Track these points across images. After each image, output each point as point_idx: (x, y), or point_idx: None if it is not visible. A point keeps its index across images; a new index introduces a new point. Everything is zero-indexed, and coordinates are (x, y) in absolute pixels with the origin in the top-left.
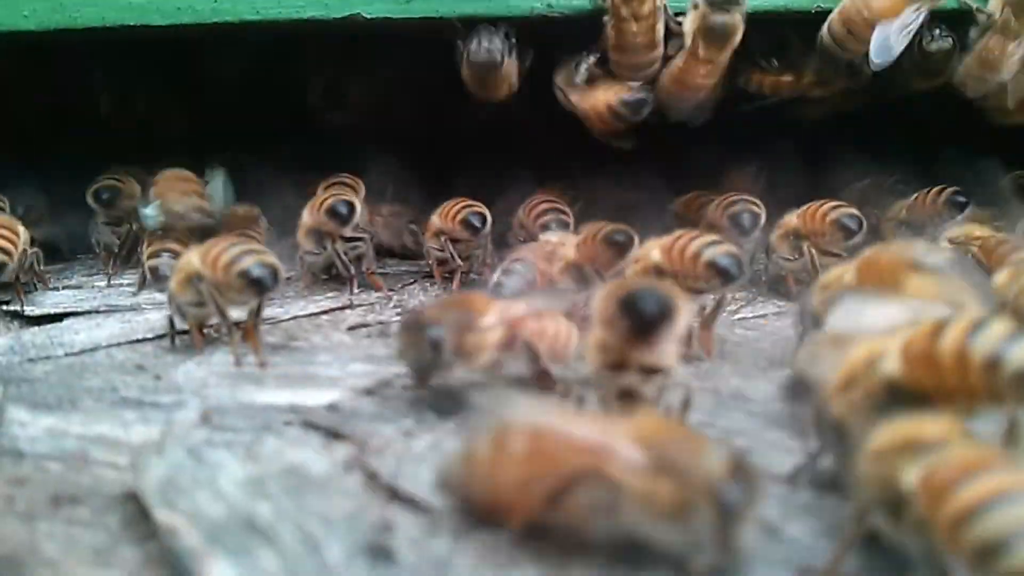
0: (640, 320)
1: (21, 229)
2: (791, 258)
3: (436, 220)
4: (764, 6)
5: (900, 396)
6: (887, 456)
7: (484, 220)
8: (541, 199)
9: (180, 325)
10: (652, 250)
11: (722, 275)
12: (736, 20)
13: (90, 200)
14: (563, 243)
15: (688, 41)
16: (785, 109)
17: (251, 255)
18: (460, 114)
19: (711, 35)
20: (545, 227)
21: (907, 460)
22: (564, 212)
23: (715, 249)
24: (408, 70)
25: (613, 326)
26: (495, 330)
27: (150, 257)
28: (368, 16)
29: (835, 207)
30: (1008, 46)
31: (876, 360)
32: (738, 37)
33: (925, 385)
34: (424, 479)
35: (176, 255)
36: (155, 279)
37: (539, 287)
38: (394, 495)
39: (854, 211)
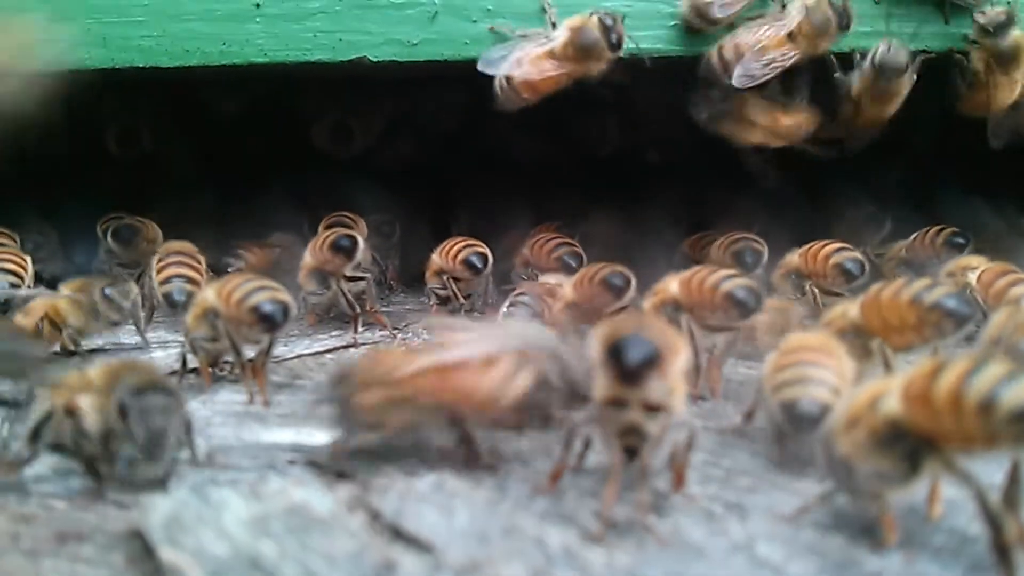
0: (625, 366)
1: (29, 261)
2: (793, 297)
3: (437, 259)
4: None
5: (903, 436)
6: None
7: (485, 260)
8: (549, 236)
9: (191, 363)
10: (671, 283)
11: (739, 307)
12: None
13: (108, 239)
14: (560, 284)
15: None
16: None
17: (264, 291)
18: (462, 153)
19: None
20: (560, 260)
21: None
22: (576, 246)
23: (733, 281)
24: (411, 109)
25: (605, 368)
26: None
27: (162, 283)
28: (374, 60)
29: (837, 249)
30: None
31: (879, 399)
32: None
33: (923, 426)
34: (427, 519)
35: (188, 280)
36: (168, 305)
37: (544, 321)
38: (397, 535)
39: (856, 255)
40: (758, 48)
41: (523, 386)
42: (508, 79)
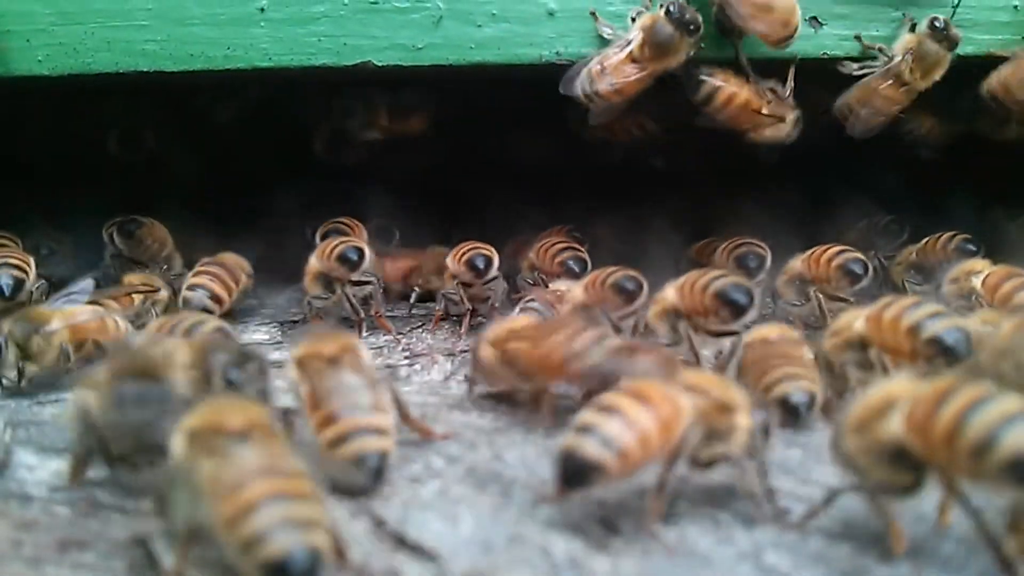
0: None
1: (32, 261)
2: (798, 303)
3: (450, 262)
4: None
5: (905, 454)
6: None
7: (488, 262)
8: (555, 240)
9: None
10: (668, 291)
11: (731, 307)
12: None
13: (115, 235)
14: (571, 290)
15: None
16: (787, 152)
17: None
18: (468, 157)
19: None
20: (563, 265)
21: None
22: (581, 251)
23: (723, 281)
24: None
25: None
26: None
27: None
28: (379, 64)
29: (840, 252)
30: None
31: (889, 410)
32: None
33: (923, 454)
34: (432, 527)
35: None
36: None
37: None
38: (401, 542)
39: (859, 255)
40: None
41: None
42: (596, 93)
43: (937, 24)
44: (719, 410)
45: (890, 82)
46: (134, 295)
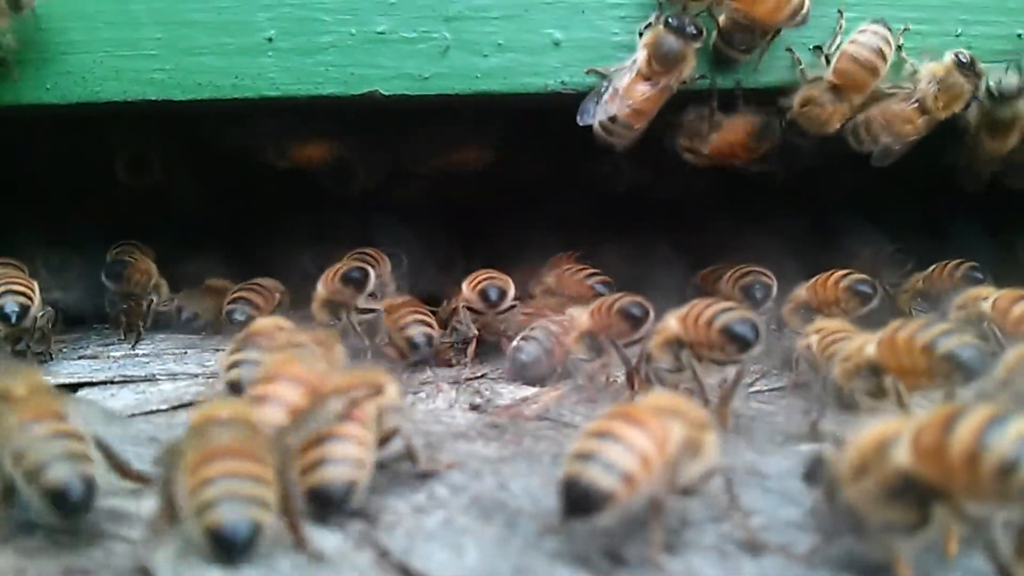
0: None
1: (37, 287)
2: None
3: (465, 289)
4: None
5: (913, 487)
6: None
7: (502, 294)
8: (576, 265)
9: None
10: (670, 321)
11: (737, 342)
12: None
13: (103, 278)
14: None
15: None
16: (795, 182)
17: None
18: (473, 186)
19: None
20: (591, 289)
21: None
22: (604, 274)
23: (729, 315)
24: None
25: None
26: None
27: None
28: (386, 94)
29: (846, 274)
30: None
31: (886, 446)
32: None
33: (936, 481)
34: (436, 557)
35: (252, 304)
36: (229, 322)
37: (557, 356)
38: (405, 573)
39: (865, 277)
40: None
41: None
42: (612, 119)
43: (963, 59)
44: (696, 427)
45: (913, 107)
46: None
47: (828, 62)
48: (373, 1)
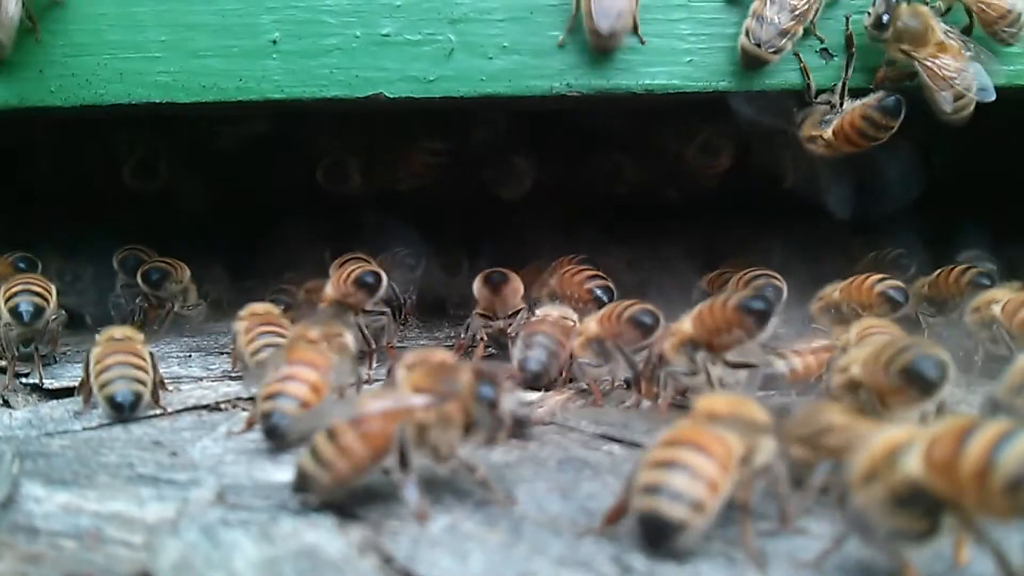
0: None
1: (54, 290)
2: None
3: (476, 286)
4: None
5: (922, 496)
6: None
7: (505, 278)
8: (579, 267)
9: (192, 402)
10: (684, 322)
11: (754, 315)
12: None
13: (140, 280)
14: (565, 317)
15: None
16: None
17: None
18: (477, 188)
19: None
20: (590, 293)
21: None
22: (606, 279)
23: (741, 294)
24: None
25: None
26: None
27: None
28: (391, 96)
29: (881, 279)
30: None
31: (898, 453)
32: None
33: (946, 493)
34: (441, 563)
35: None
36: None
37: (562, 359)
38: None
39: (900, 284)
40: None
41: None
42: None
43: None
44: (753, 434)
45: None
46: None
47: None
48: (378, 3)
